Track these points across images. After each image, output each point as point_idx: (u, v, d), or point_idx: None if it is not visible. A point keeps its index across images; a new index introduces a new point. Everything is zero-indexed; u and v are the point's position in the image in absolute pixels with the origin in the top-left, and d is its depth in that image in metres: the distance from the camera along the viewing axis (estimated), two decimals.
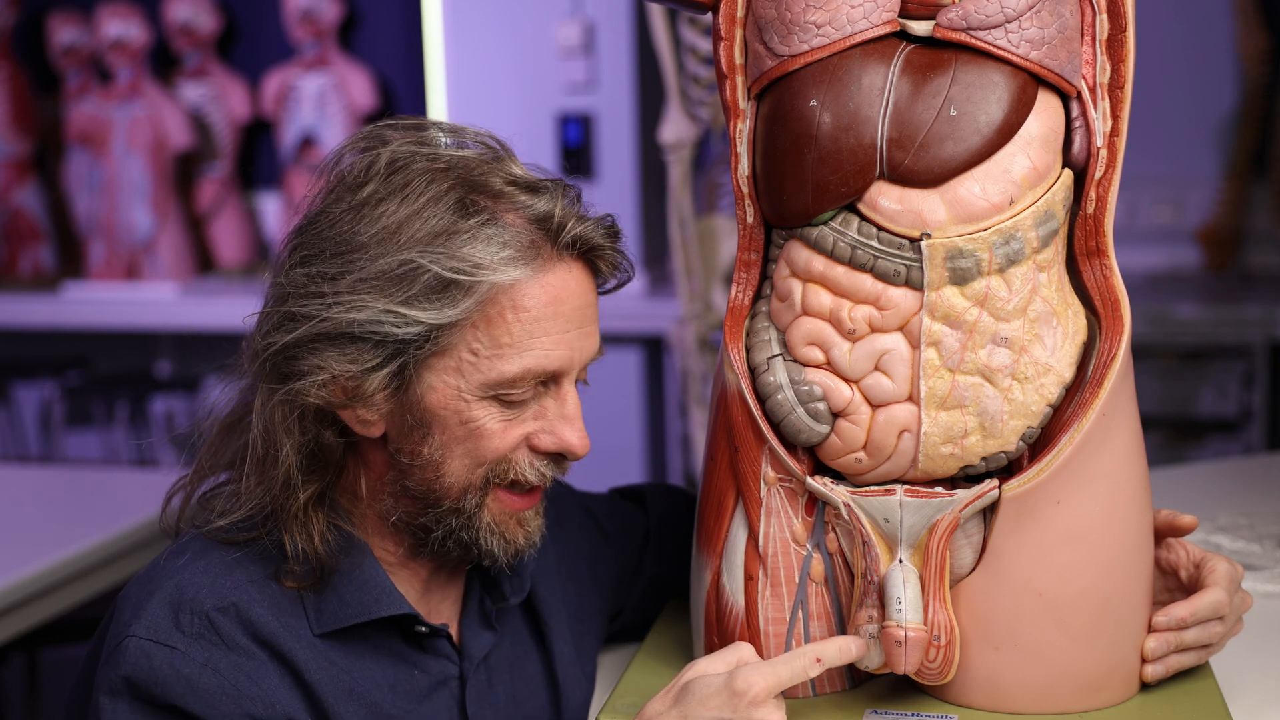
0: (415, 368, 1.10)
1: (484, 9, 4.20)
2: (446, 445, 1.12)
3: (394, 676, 1.17)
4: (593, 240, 1.14)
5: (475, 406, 1.11)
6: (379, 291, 1.08)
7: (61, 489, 2.74)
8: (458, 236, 1.09)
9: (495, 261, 1.09)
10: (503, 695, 1.25)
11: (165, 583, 1.12)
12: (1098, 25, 1.12)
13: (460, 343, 1.10)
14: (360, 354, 1.09)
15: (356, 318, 1.08)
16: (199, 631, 1.09)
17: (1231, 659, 1.26)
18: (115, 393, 4.49)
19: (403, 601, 1.16)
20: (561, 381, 1.14)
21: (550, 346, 1.11)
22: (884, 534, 1.12)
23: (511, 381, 1.11)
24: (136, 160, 4.58)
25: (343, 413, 1.12)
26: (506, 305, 1.10)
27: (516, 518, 1.16)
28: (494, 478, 1.14)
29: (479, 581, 1.26)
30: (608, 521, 1.41)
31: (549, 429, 1.14)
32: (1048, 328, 1.10)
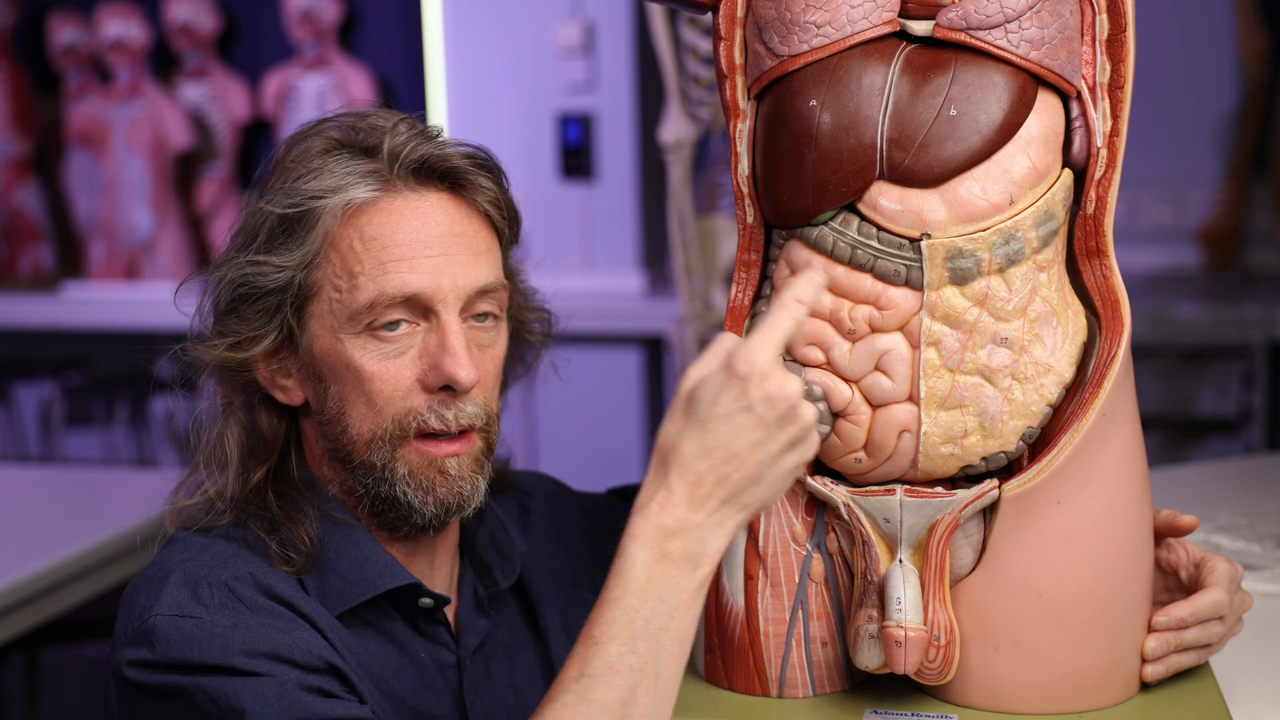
0: (296, 317, 1.14)
1: (484, 9, 4.20)
2: (343, 396, 1.14)
3: (398, 661, 1.17)
4: (446, 163, 1.15)
5: (351, 346, 1.13)
6: (244, 249, 1.15)
7: (61, 489, 2.74)
8: (298, 179, 1.14)
9: (327, 190, 1.12)
10: (501, 684, 1.25)
11: (174, 570, 1.12)
12: (1098, 25, 1.12)
13: (324, 282, 1.13)
14: (250, 314, 1.14)
15: (233, 277, 1.14)
16: (221, 601, 1.08)
17: (1231, 659, 1.26)
18: (115, 393, 4.49)
19: (404, 572, 1.17)
20: (439, 313, 1.13)
21: (405, 270, 1.12)
22: (884, 534, 1.12)
23: (370, 307, 1.11)
24: (136, 160, 4.58)
25: (264, 381, 1.17)
26: (354, 236, 1.13)
27: (436, 466, 1.15)
28: (397, 430, 1.13)
29: (471, 569, 1.26)
30: (604, 520, 1.41)
31: (433, 363, 1.13)
32: (1048, 328, 1.10)
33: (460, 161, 1.16)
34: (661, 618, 0.98)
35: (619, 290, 4.05)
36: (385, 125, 1.16)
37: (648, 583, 0.98)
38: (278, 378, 1.17)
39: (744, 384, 0.97)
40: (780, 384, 0.97)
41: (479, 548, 1.27)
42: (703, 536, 0.98)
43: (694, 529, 0.98)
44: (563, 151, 4.12)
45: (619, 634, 0.97)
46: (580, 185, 4.11)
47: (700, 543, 0.98)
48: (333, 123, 1.18)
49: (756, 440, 0.97)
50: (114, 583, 2.26)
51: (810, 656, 1.16)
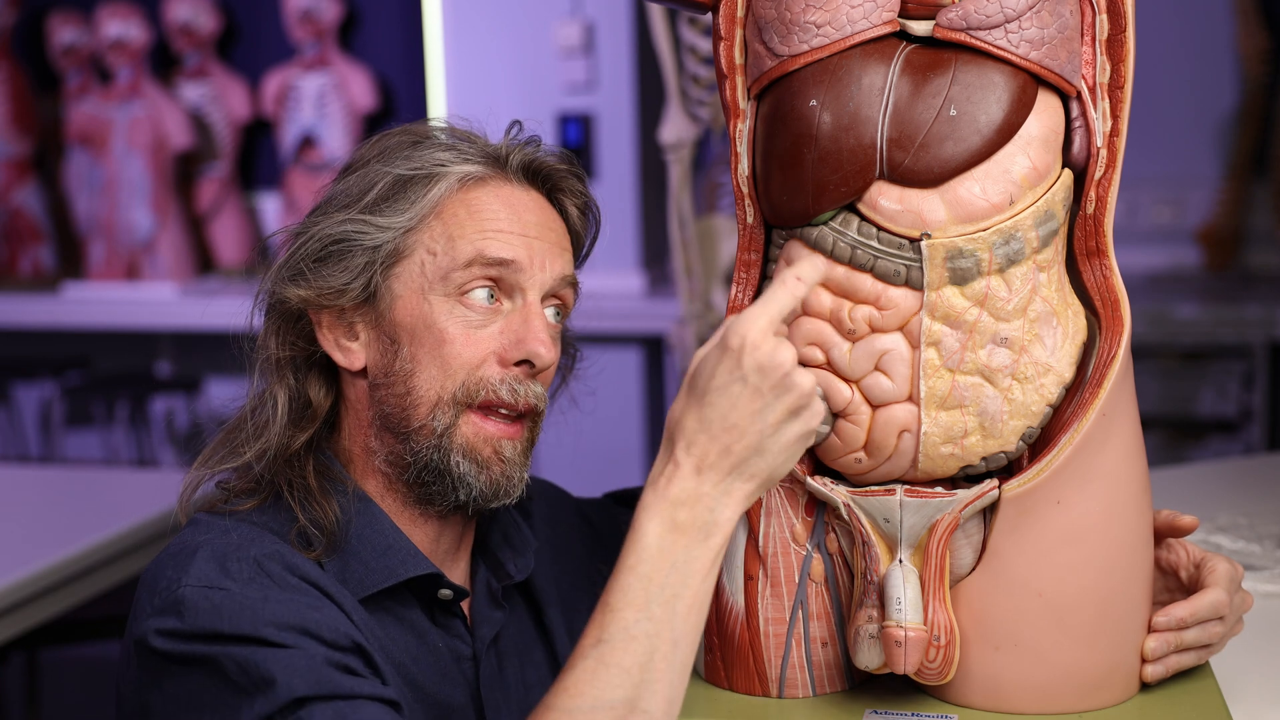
0: (384, 278, 1.17)
1: (484, 9, 4.20)
2: (415, 357, 1.16)
3: (416, 649, 1.18)
4: (546, 164, 1.22)
5: (438, 308, 1.16)
6: (348, 207, 1.18)
7: (61, 489, 2.74)
8: (418, 149, 1.19)
9: (449, 160, 1.19)
10: (512, 679, 1.26)
11: (201, 545, 1.11)
12: (1098, 25, 1.12)
13: (419, 246, 1.17)
14: (336, 271, 1.17)
15: (331, 233, 1.17)
16: (250, 575, 1.08)
17: (1231, 659, 1.26)
18: (115, 393, 4.49)
19: (426, 561, 1.18)
20: (526, 293, 1.18)
21: (503, 239, 1.17)
22: (884, 534, 1.12)
23: (465, 266, 1.16)
24: (136, 160, 4.58)
25: (325, 342, 1.19)
26: (460, 205, 1.18)
27: (492, 445, 1.17)
28: (464, 395, 1.16)
29: (484, 562, 1.27)
30: (602, 525, 1.42)
31: (515, 339, 1.17)
32: (1048, 328, 1.10)
33: (561, 166, 1.23)
34: (676, 585, 1.00)
35: (619, 290, 4.05)
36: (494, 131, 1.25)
37: (660, 551, 1.00)
38: (341, 338, 1.19)
39: (737, 355, 0.99)
40: (771, 353, 0.99)
41: (491, 544, 1.28)
42: (711, 506, 1.00)
43: (702, 499, 1.00)
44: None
45: (635, 600, 0.99)
46: None
47: (710, 512, 1.00)
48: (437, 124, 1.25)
49: (754, 410, 0.99)
50: (114, 583, 2.26)
51: (810, 656, 1.16)
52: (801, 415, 1.01)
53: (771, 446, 1.00)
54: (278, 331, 1.20)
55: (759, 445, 1.00)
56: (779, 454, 1.01)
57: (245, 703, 1.02)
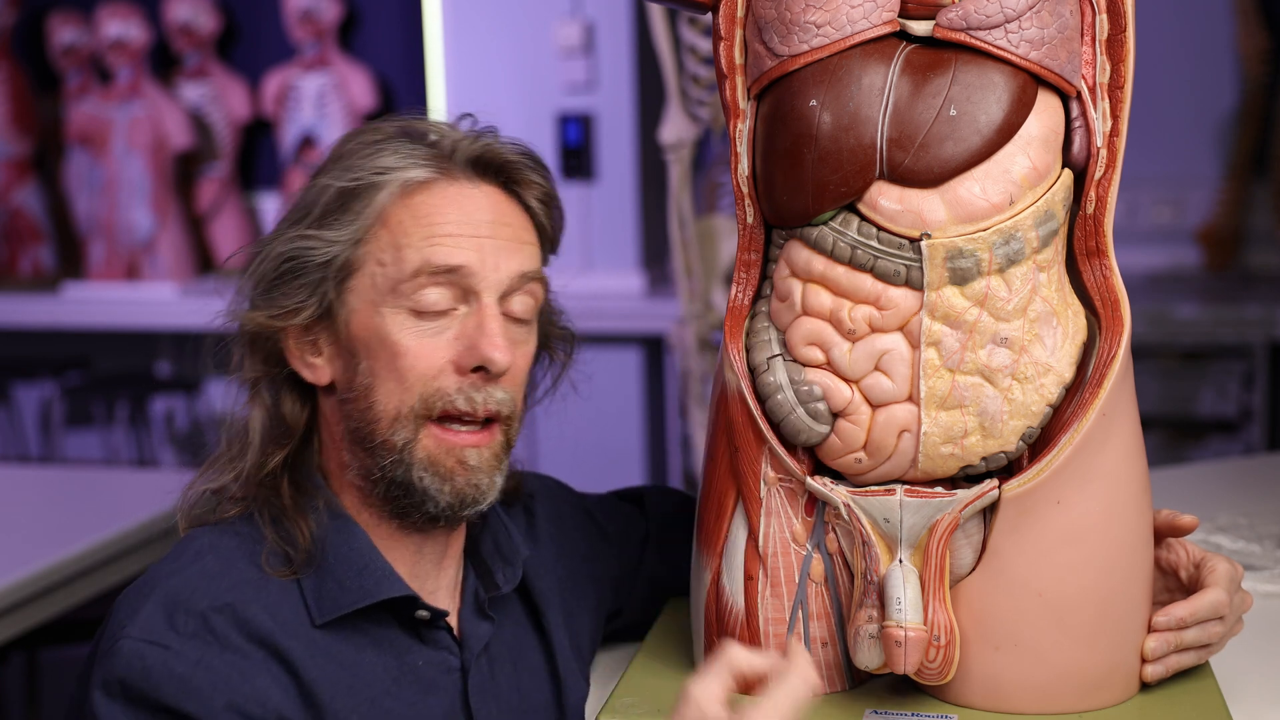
0: (337, 293, 1.16)
1: (484, 9, 4.20)
2: (374, 371, 1.15)
3: (396, 670, 1.17)
4: (499, 157, 1.18)
5: (390, 320, 1.14)
6: (298, 223, 1.17)
7: (61, 489, 2.74)
8: (360, 158, 1.17)
9: (391, 166, 1.16)
10: (506, 686, 1.24)
11: (161, 585, 1.12)
12: (1098, 25, 1.12)
13: (369, 257, 1.15)
14: (292, 289, 1.16)
15: (284, 250, 1.16)
16: (194, 631, 1.09)
17: (1231, 659, 1.26)
18: (115, 393, 4.49)
19: (402, 583, 1.17)
20: (480, 295, 1.15)
21: (451, 244, 1.14)
22: (884, 534, 1.12)
23: (414, 275, 1.13)
24: (136, 160, 4.58)
25: (292, 359, 1.18)
26: (406, 213, 1.15)
27: (456, 455, 1.15)
28: (422, 408, 1.14)
29: (474, 571, 1.26)
30: (606, 522, 1.41)
31: (469, 344, 1.14)
32: (1048, 328, 1.10)
33: (514, 157, 1.19)
34: None
35: (619, 290, 4.05)
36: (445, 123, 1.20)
37: None
38: (307, 354, 1.18)
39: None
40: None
41: (482, 550, 1.27)
42: None
43: None
44: (563, 151, 4.12)
45: None
46: (580, 185, 4.11)
47: None
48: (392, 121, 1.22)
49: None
50: (114, 583, 2.26)
51: (810, 656, 1.16)
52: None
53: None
54: (247, 353, 1.19)
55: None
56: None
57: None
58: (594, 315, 4.03)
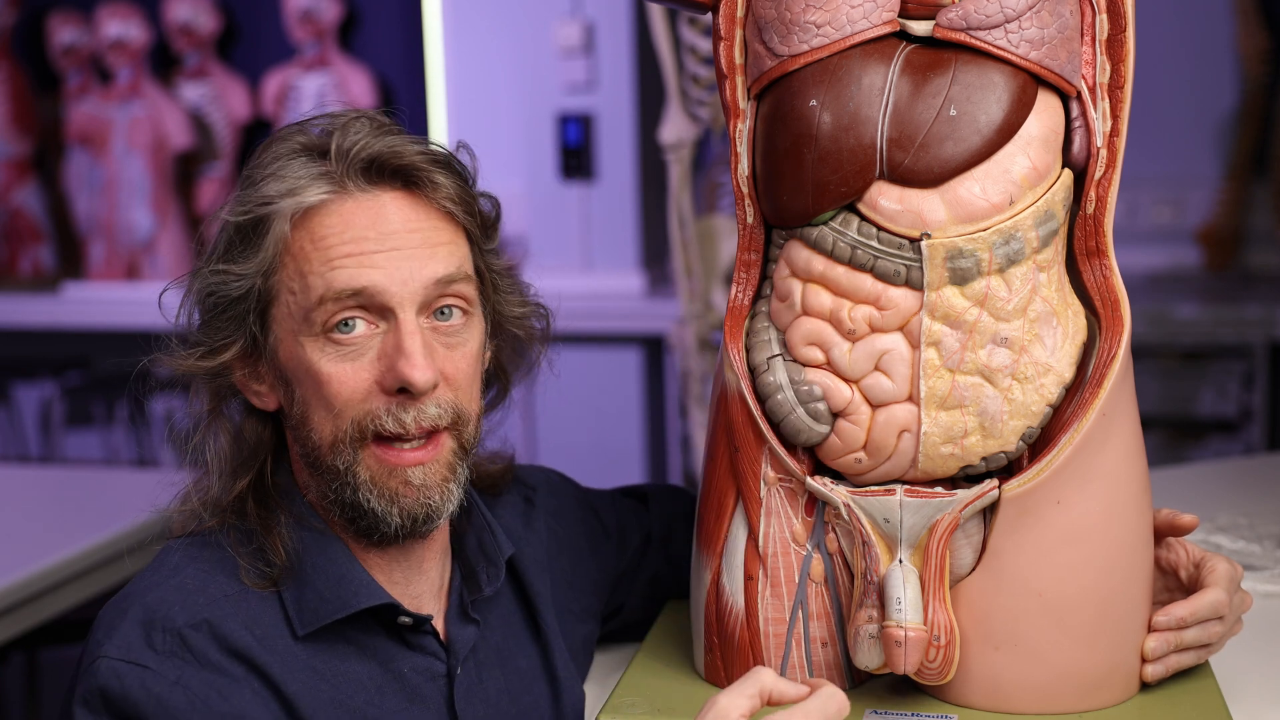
0: (259, 324, 1.14)
1: (484, 9, 4.20)
2: (305, 400, 1.14)
3: (381, 678, 1.16)
4: (396, 160, 1.13)
5: (310, 349, 1.12)
6: (209, 259, 1.16)
7: (61, 489, 2.74)
8: (251, 188, 1.14)
9: (278, 194, 1.13)
10: (494, 690, 1.23)
11: (140, 600, 1.12)
12: (1098, 25, 1.12)
13: (281, 287, 1.13)
14: (218, 323, 1.16)
15: (199, 287, 1.16)
16: (171, 649, 1.08)
17: (1231, 659, 1.26)
18: (115, 393, 4.49)
19: (381, 592, 1.15)
20: (396, 312, 1.11)
21: (353, 266, 1.11)
22: (884, 534, 1.12)
23: (320, 303, 1.11)
24: (136, 160, 4.58)
25: (242, 388, 1.17)
26: (305, 239, 1.12)
27: (399, 476, 1.13)
28: (357, 432, 1.12)
29: (460, 575, 1.25)
30: (609, 519, 1.41)
31: (389, 365, 1.11)
32: (1048, 328, 1.10)
33: (414, 158, 1.13)
34: None
35: (619, 290, 4.05)
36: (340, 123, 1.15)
37: None
38: (252, 383, 1.17)
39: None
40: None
41: (467, 550, 1.25)
42: None
43: None
44: (563, 151, 4.12)
45: None
46: (580, 185, 4.11)
47: None
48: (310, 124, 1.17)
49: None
50: (114, 583, 2.26)
51: (810, 656, 1.16)
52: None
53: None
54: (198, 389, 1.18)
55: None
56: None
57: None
58: (594, 315, 4.04)
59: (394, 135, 1.15)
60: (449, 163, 1.17)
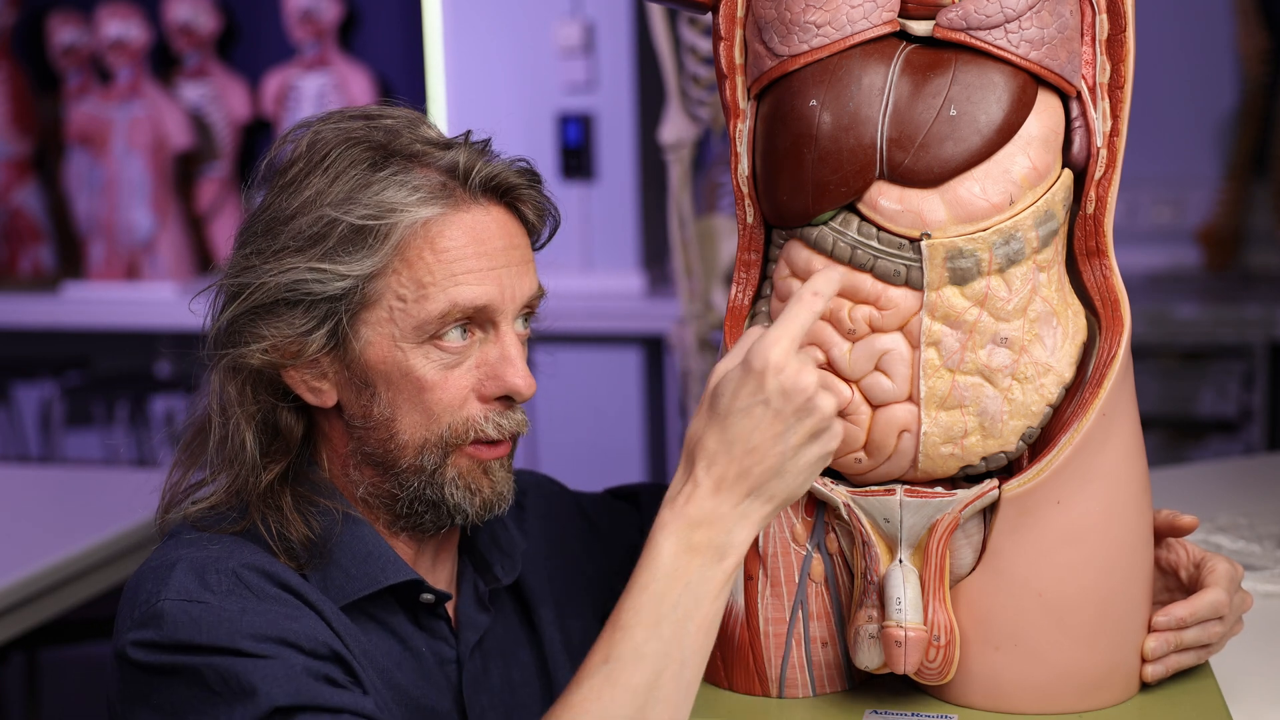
0: (350, 324, 1.13)
1: (484, 9, 4.20)
2: (395, 403, 1.14)
3: (399, 654, 1.18)
4: (507, 180, 1.17)
5: (412, 355, 1.13)
6: (301, 253, 1.13)
7: (61, 489, 2.74)
8: (369, 189, 1.13)
9: (405, 204, 1.12)
10: (498, 680, 1.25)
11: (181, 559, 1.12)
12: (1098, 25, 1.12)
13: (387, 291, 1.13)
14: (294, 318, 1.13)
15: (284, 280, 1.12)
16: (228, 588, 1.09)
17: (1231, 659, 1.26)
18: (115, 393, 4.49)
19: (407, 568, 1.17)
20: (499, 324, 1.15)
21: (474, 282, 1.13)
22: (884, 534, 1.12)
23: (440, 319, 1.12)
24: (136, 160, 4.58)
25: (293, 383, 1.15)
26: (424, 247, 1.13)
27: (482, 467, 1.16)
28: (452, 437, 1.14)
29: (471, 564, 1.26)
30: (600, 519, 1.42)
31: (491, 374, 1.15)
32: (1048, 328, 1.10)
33: (516, 179, 1.18)
34: (687, 605, 1.00)
35: (619, 290, 4.05)
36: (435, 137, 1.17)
37: (674, 571, 1.00)
38: (311, 380, 1.16)
39: (760, 378, 0.99)
40: (795, 376, 0.99)
41: (480, 545, 1.27)
42: (728, 528, 1.00)
43: (719, 520, 1.00)
44: (563, 151, 4.12)
45: (645, 619, 1.00)
46: (580, 185, 4.11)
47: (726, 534, 1.00)
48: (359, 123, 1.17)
49: (776, 433, 0.99)
50: (114, 583, 2.26)
51: (810, 656, 1.16)
52: (821, 437, 1.01)
53: (790, 469, 1.00)
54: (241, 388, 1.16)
55: (779, 468, 1.00)
56: (797, 476, 1.01)
57: (226, 712, 1.03)
58: (594, 315, 4.04)
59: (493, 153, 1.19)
60: (538, 178, 1.21)
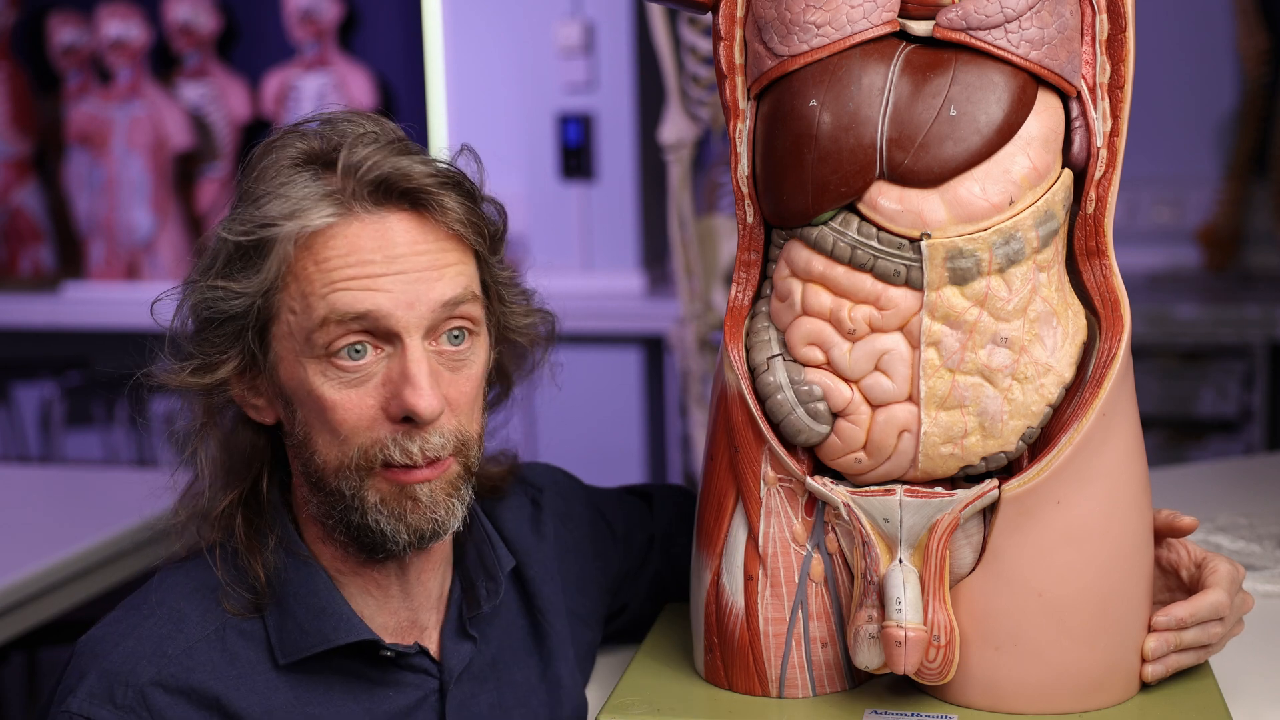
0: (259, 342, 1.12)
1: (484, 9, 4.20)
2: (308, 422, 1.11)
3: (368, 701, 1.15)
4: (402, 183, 1.09)
5: (312, 372, 1.09)
6: (205, 271, 1.13)
7: (61, 489, 2.74)
8: (253, 205, 1.11)
9: (283, 215, 1.09)
10: (485, 705, 1.22)
11: (114, 649, 1.11)
12: (1098, 25, 1.12)
13: (282, 307, 1.10)
14: (213, 338, 1.13)
15: (195, 301, 1.13)
16: (130, 705, 1.08)
17: (1231, 659, 1.26)
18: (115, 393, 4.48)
19: (363, 627, 1.14)
20: (402, 338, 1.09)
21: (356, 288, 1.07)
22: (884, 534, 1.12)
23: (322, 325, 1.07)
24: (136, 160, 4.58)
25: (240, 401, 1.15)
26: (309, 260, 1.09)
27: (407, 493, 1.11)
28: (363, 460, 1.10)
29: (460, 585, 1.23)
30: (616, 520, 1.40)
31: (394, 393, 1.09)
32: (1048, 328, 1.10)
33: (423, 180, 1.10)
34: None
35: (619, 290, 4.05)
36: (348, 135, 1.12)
37: None
38: (250, 397, 1.15)
39: None
40: None
41: (467, 563, 1.24)
42: None
43: None
44: (563, 151, 4.11)
45: None
46: (580, 185, 4.11)
47: None
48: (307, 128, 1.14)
49: None
50: (114, 583, 2.26)
51: (810, 656, 1.16)
52: None
53: None
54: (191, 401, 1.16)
55: None
56: None
57: None
58: (594, 315, 4.04)
59: (402, 154, 1.11)
60: (458, 182, 1.13)
